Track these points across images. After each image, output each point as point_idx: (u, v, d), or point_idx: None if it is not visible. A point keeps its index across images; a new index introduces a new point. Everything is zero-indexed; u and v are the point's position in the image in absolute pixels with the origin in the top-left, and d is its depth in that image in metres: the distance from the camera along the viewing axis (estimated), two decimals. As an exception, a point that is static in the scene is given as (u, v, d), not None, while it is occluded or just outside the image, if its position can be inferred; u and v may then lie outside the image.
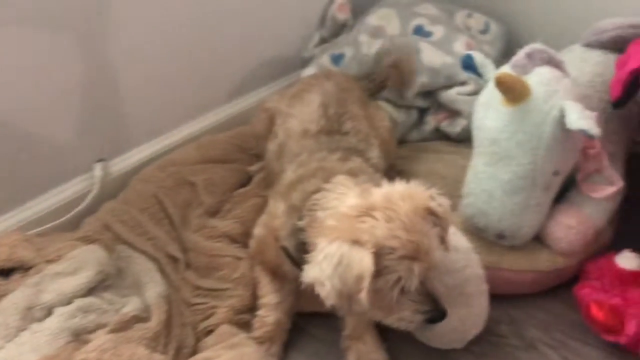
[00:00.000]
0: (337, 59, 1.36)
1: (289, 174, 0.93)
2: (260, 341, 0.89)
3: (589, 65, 1.11)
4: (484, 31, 1.43)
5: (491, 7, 1.46)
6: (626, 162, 1.11)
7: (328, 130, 0.99)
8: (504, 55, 1.37)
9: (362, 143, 1.00)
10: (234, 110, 1.35)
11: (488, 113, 0.96)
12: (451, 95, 1.29)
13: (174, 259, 0.99)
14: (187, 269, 0.99)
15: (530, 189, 0.95)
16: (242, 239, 1.00)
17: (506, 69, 0.97)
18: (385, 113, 1.19)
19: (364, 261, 0.72)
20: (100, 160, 1.11)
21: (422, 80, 1.29)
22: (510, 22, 1.46)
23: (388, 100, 1.32)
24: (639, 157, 1.04)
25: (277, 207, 0.87)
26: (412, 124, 1.35)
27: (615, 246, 1.03)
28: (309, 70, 1.38)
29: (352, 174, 0.85)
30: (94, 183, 1.09)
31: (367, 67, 1.31)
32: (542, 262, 1.00)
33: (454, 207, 1.07)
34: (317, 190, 0.82)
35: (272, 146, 1.05)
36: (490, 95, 0.96)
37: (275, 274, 0.93)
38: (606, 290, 0.93)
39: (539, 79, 0.93)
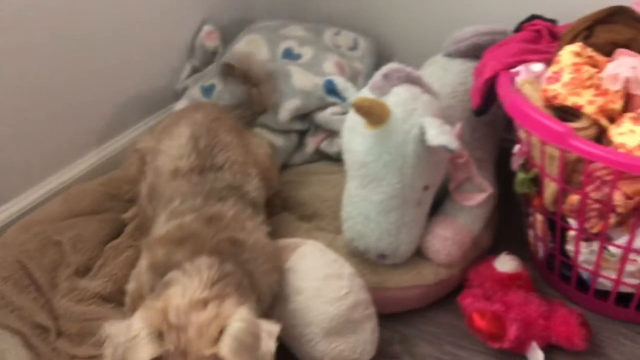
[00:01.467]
0: (207, 90, 1.33)
1: (160, 226, 0.87)
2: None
3: (451, 75, 1.14)
4: (353, 47, 1.44)
5: (358, 24, 1.48)
6: (497, 166, 1.15)
7: (200, 168, 0.94)
8: (376, 68, 1.37)
9: (239, 176, 0.97)
10: (106, 153, 1.28)
11: (353, 137, 0.96)
12: (326, 116, 1.28)
13: (43, 329, 0.91)
14: (59, 337, 0.91)
15: (403, 207, 0.96)
16: (115, 297, 0.94)
17: (365, 92, 0.97)
18: (263, 139, 1.16)
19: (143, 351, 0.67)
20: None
21: (296, 103, 1.28)
22: (379, 36, 1.48)
23: (266, 127, 1.30)
24: (507, 158, 1.07)
25: (141, 263, 0.83)
26: (292, 148, 1.33)
27: (496, 250, 1.06)
28: (181, 104, 1.33)
29: (220, 252, 0.79)
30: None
31: (239, 98, 1.28)
32: (426, 275, 1.01)
33: (340, 229, 1.08)
34: (179, 264, 0.77)
35: (143, 188, 1.00)
36: (354, 119, 0.96)
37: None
38: (488, 297, 0.95)
39: (396, 99, 0.93)
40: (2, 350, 0.85)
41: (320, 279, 0.90)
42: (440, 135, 0.89)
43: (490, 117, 1.11)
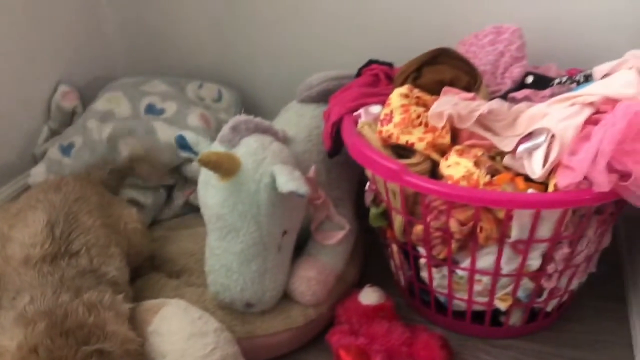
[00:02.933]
0: (66, 149, 1.29)
1: (8, 330, 0.80)
2: None
3: (306, 120, 1.19)
4: (217, 99, 1.46)
5: (221, 76, 1.51)
6: (357, 203, 1.21)
7: (53, 255, 0.90)
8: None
9: (97, 259, 0.94)
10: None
11: (207, 191, 0.97)
12: (194, 168, 1.29)
13: None
14: None
15: (264, 254, 0.97)
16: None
17: (216, 145, 0.99)
18: (133, 212, 1.13)
19: None
20: None
21: (163, 158, 1.28)
22: (241, 87, 1.52)
23: (134, 186, 1.28)
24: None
25: None
26: (162, 203, 1.32)
27: (364, 283, 1.10)
28: (39, 169, 1.28)
29: None
30: None
31: (100, 155, 1.26)
32: (296, 318, 1.02)
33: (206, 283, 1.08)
34: None
35: None
36: (207, 173, 0.97)
37: None
38: (354, 331, 0.99)
39: (246, 149, 0.96)
40: None
41: (185, 339, 0.89)
42: (290, 181, 0.92)
43: (344, 158, 1.15)
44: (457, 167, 0.88)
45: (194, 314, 0.93)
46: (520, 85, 1.09)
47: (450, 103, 0.93)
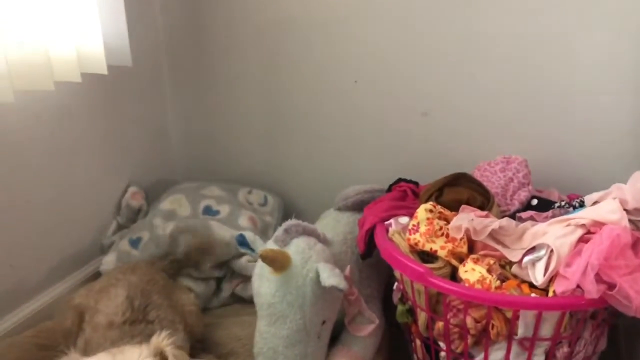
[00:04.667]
0: (135, 242, 1.50)
1: None
2: None
3: (341, 226, 1.39)
4: (264, 204, 1.68)
5: (268, 184, 1.75)
6: (385, 300, 1.38)
7: (132, 321, 1.10)
8: (284, 220, 1.62)
9: (167, 330, 1.12)
10: (35, 307, 1.39)
11: (262, 282, 1.16)
12: (242, 263, 1.48)
13: None
14: None
15: (306, 340, 1.14)
16: None
17: (271, 244, 1.19)
18: (191, 297, 1.33)
19: None
20: None
21: (216, 253, 1.47)
22: (284, 194, 1.75)
23: (188, 275, 1.47)
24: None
25: None
26: (211, 293, 1.50)
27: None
28: (110, 258, 1.49)
29: None
30: None
31: (164, 248, 1.47)
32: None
33: (253, 363, 1.23)
34: None
35: (79, 342, 1.12)
36: (261, 267, 1.16)
37: None
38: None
39: (295, 248, 1.16)
40: None
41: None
42: (332, 277, 1.10)
43: (374, 260, 1.35)
44: (472, 272, 1.06)
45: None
46: (527, 206, 1.28)
47: (467, 219, 1.13)
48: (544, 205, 1.26)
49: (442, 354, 1.16)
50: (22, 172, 1.33)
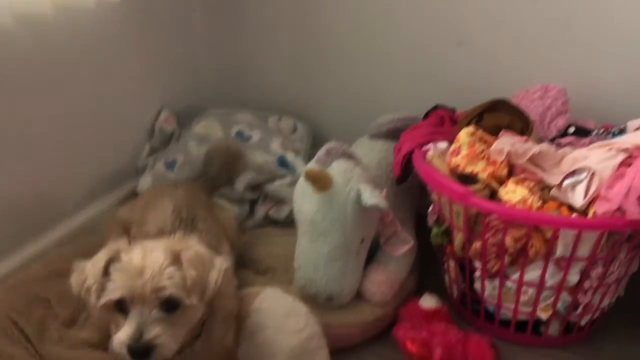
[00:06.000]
0: (170, 165, 1.52)
1: None
2: None
3: (376, 152, 1.41)
4: (293, 131, 1.69)
5: (297, 112, 1.75)
6: (416, 224, 1.41)
7: (182, 230, 1.13)
8: (313, 147, 1.64)
9: (214, 239, 1.16)
10: (77, 222, 1.42)
11: (304, 201, 1.19)
12: (275, 187, 1.51)
13: (35, 374, 1.03)
14: (51, 381, 1.03)
15: (346, 256, 1.17)
16: (102, 343, 1.08)
17: (312, 164, 1.21)
18: (230, 213, 1.36)
19: (102, 252, 0.91)
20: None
21: (250, 176, 1.50)
22: (313, 122, 1.75)
23: (223, 197, 1.50)
24: (424, 217, 1.34)
25: None
26: (245, 215, 1.54)
27: (420, 291, 1.29)
28: (146, 179, 1.52)
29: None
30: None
31: (198, 169, 1.49)
32: (366, 314, 1.21)
33: (290, 280, 1.28)
34: None
35: None
36: (303, 186, 1.19)
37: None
38: (416, 328, 1.17)
39: (337, 169, 1.18)
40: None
41: (281, 317, 1.09)
42: (373, 197, 1.13)
43: (408, 185, 1.37)
44: (514, 193, 1.09)
45: (287, 298, 1.13)
46: (563, 134, 1.29)
47: (509, 142, 1.14)
48: (581, 133, 1.27)
49: (477, 273, 1.20)
50: (62, 86, 1.34)
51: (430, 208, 1.28)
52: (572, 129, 1.28)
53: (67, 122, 1.37)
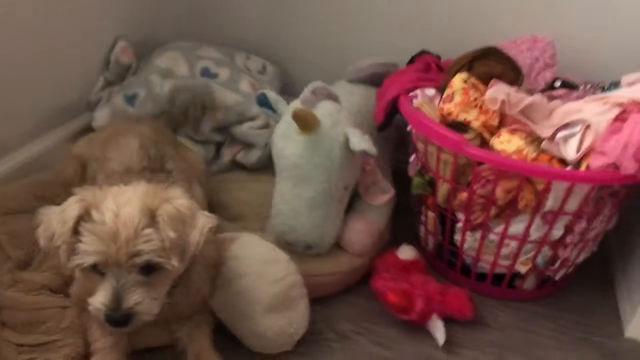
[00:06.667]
0: (130, 99, 1.39)
1: None
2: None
3: (356, 98, 1.34)
4: (262, 72, 1.59)
5: (265, 51, 1.64)
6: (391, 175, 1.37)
7: (151, 169, 1.03)
8: (281, 92, 1.55)
9: (185, 182, 1.06)
10: (23, 158, 1.29)
11: (287, 143, 1.10)
12: (244, 129, 1.41)
13: (-15, 321, 0.92)
14: (3, 328, 0.92)
15: (329, 203, 1.11)
16: (62, 289, 0.97)
17: (296, 104, 1.13)
18: (196, 153, 1.26)
19: (70, 208, 0.80)
20: None
21: (217, 117, 1.39)
22: (283, 63, 1.65)
23: (186, 137, 1.40)
24: (401, 171, 1.29)
25: None
26: (210, 158, 1.44)
27: (394, 243, 1.25)
28: (103, 113, 1.38)
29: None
30: None
31: (161, 106, 1.37)
32: (343, 264, 1.16)
33: (262, 228, 1.21)
34: None
35: None
36: (287, 127, 1.11)
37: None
38: (395, 279, 1.14)
39: (324, 111, 1.10)
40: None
41: (261, 264, 1.02)
42: (363, 142, 1.07)
43: (385, 135, 1.32)
44: (509, 143, 1.05)
45: (267, 245, 1.06)
46: (549, 87, 1.27)
47: (504, 91, 1.10)
48: (568, 87, 1.25)
49: (458, 225, 1.17)
50: (5, 26, 1.19)
51: (412, 158, 1.24)
52: (558, 83, 1.26)
53: (7, 52, 1.21)
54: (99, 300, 0.79)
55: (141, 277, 0.81)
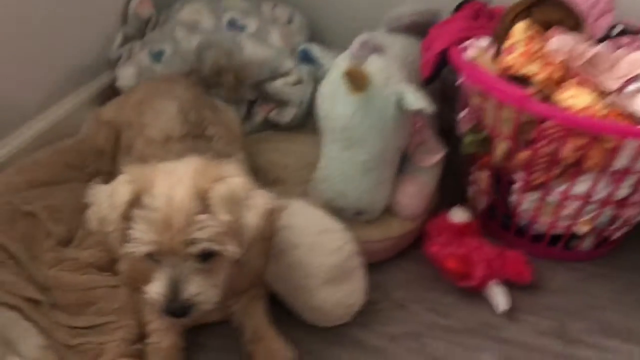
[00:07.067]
0: (157, 56, 1.30)
1: None
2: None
3: (396, 49, 1.24)
4: (289, 21, 1.48)
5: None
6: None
7: (193, 135, 0.95)
8: (309, 42, 1.44)
9: (228, 147, 0.99)
10: (46, 124, 1.21)
11: (335, 104, 1.02)
12: (278, 86, 1.33)
13: (35, 302, 0.86)
14: (53, 309, 0.87)
15: (382, 167, 1.05)
16: (110, 266, 0.92)
17: (343, 60, 1.04)
18: (235, 116, 1.18)
19: (120, 191, 0.73)
20: None
21: (248, 74, 1.31)
22: (312, 12, 1.54)
23: (216, 95, 1.31)
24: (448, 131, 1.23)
25: None
26: (242, 117, 1.36)
27: (443, 206, 1.19)
28: (128, 72, 1.30)
29: None
30: None
31: (190, 63, 1.28)
32: (395, 229, 1.11)
33: (303, 193, 1.14)
34: None
35: (129, 160, 0.97)
36: (333, 87, 1.03)
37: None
38: (451, 244, 1.08)
39: (375, 67, 1.02)
40: (3, 325, 0.80)
41: (315, 234, 0.96)
42: (419, 99, 0.99)
43: (430, 89, 1.24)
44: (577, 98, 0.98)
45: (318, 213, 1.00)
46: (607, 35, 1.18)
47: (568, 41, 1.02)
48: (628, 34, 1.16)
49: (516, 185, 1.11)
50: None
51: (462, 114, 1.16)
52: (617, 29, 1.17)
53: (19, 10, 1.11)
54: (156, 290, 0.74)
55: (199, 264, 0.75)
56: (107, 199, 0.74)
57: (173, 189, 0.73)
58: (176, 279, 0.73)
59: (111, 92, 1.32)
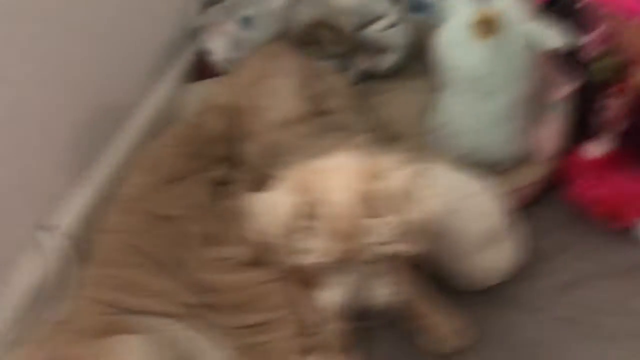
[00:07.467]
0: (245, 21, 1.23)
1: None
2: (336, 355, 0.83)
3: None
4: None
5: None
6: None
7: (314, 112, 0.90)
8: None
9: (348, 118, 0.94)
10: (150, 110, 1.17)
11: (462, 52, 0.95)
12: (374, 32, 1.24)
13: (192, 307, 0.86)
14: (210, 312, 0.87)
15: (519, 115, 0.98)
16: (260, 261, 0.90)
17: (465, 3, 0.94)
18: (338, 76, 1.11)
19: (283, 202, 0.69)
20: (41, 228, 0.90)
21: (341, 24, 1.22)
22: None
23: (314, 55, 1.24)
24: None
25: None
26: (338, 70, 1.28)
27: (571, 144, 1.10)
28: (219, 43, 1.24)
29: None
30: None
31: (283, 22, 1.21)
32: (533, 174, 1.04)
33: (422, 146, 1.08)
34: None
35: (253, 147, 0.93)
36: (456, 33, 0.94)
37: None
38: (596, 183, 1.01)
39: (503, 5, 0.92)
40: (175, 339, 0.80)
41: (461, 198, 0.91)
42: (556, 36, 0.90)
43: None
44: None
45: (460, 175, 0.94)
46: None
47: None
48: None
49: (663, 111, 1.02)
50: None
51: (591, 38, 1.05)
52: None
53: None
54: (333, 297, 0.71)
55: (375, 266, 0.71)
56: (268, 209, 0.70)
57: (336, 194, 0.69)
58: (354, 283, 0.70)
59: (201, 67, 1.26)
